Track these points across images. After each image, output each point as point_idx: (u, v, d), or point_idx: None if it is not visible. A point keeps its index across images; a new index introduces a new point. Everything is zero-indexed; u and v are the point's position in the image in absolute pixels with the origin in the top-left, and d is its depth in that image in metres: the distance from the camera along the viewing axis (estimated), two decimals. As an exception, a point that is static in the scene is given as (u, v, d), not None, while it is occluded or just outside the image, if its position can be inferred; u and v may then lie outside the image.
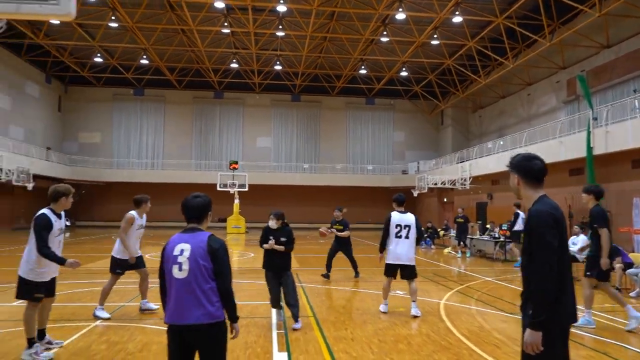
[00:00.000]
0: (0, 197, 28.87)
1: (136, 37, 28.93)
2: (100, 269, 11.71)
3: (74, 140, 37.82)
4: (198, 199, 3.08)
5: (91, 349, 5.09)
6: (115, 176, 35.32)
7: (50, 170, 30.81)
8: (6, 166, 24.14)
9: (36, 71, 33.37)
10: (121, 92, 38.38)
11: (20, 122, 31.37)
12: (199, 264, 2.79)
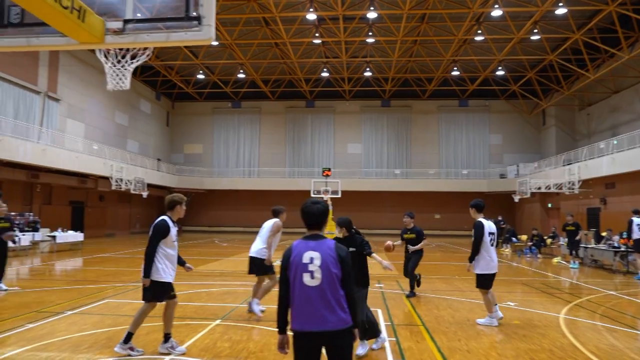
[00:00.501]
0: (120, 205, 32.16)
1: (234, 53, 30.75)
2: (211, 272, 12.54)
3: (180, 151, 41.07)
4: (318, 205, 3.09)
5: (217, 346, 5.47)
6: (216, 184, 37.66)
7: (161, 180, 33.67)
8: (125, 177, 26.83)
9: (148, 90, 36.82)
10: (220, 106, 40.95)
11: (135, 137, 34.77)
12: (330, 272, 2.85)
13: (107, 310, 7.42)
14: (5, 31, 3.45)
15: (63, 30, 3.17)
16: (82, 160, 24.42)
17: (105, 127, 30.84)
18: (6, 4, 3.46)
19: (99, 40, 3.26)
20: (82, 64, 28.22)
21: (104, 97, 30.70)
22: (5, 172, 20.74)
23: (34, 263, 14.80)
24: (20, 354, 5.05)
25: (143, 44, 3.33)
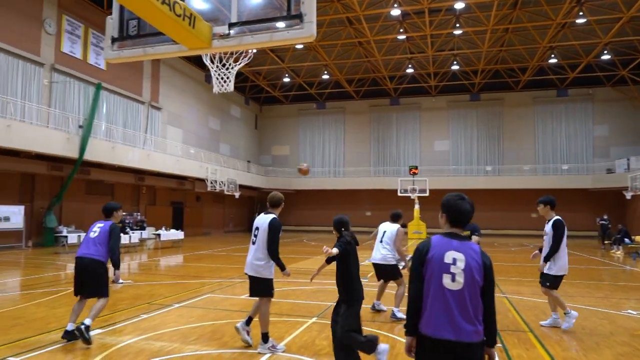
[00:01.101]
0: (215, 205, 34.05)
1: (318, 55, 31.18)
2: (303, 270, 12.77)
3: (268, 153, 42.56)
4: (467, 201, 2.78)
5: (316, 344, 5.51)
6: (303, 184, 38.45)
7: (251, 181, 35.12)
8: (219, 178, 28.34)
9: (238, 95, 38.60)
10: (305, 107, 41.78)
11: (227, 140, 36.62)
12: (474, 279, 2.57)
13: (210, 304, 7.82)
14: (125, 43, 3.73)
15: (175, 37, 3.34)
16: (181, 163, 26.22)
17: (200, 132, 32.83)
18: (125, 18, 3.73)
19: (206, 45, 3.39)
20: (179, 74, 30.29)
21: (199, 104, 32.71)
22: (116, 176, 22.85)
23: (142, 259, 16.13)
24: (138, 342, 5.45)
25: (247, 46, 3.42)
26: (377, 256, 7.16)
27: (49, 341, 5.47)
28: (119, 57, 3.75)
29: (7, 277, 11.37)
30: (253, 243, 5.33)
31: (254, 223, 5.39)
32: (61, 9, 21.06)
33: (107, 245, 5.60)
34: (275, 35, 3.36)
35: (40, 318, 6.66)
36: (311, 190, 38.69)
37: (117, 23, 3.76)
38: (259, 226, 5.27)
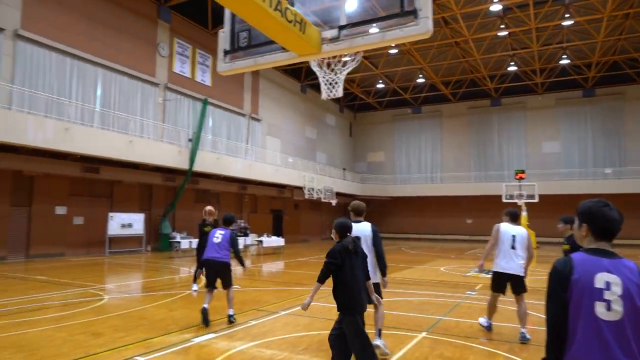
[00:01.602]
0: (312, 212, 34.70)
1: (413, 59, 30.51)
2: (405, 279, 12.36)
3: (363, 160, 42.50)
4: (612, 208, 2.21)
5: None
6: (400, 191, 37.76)
7: (347, 188, 35.25)
8: (316, 186, 28.80)
9: (332, 104, 39.11)
10: (400, 113, 41.08)
11: (323, 148, 37.22)
12: (635, 306, 2.05)
13: (315, 313, 7.78)
14: (236, 55, 3.80)
15: (286, 44, 3.30)
16: (280, 172, 27.09)
17: (297, 141, 33.73)
18: (236, 31, 3.80)
19: (316, 51, 3.32)
20: (277, 86, 31.45)
21: (296, 115, 33.67)
22: (222, 185, 24.23)
23: (246, 264, 16.78)
24: (250, 349, 5.55)
25: (358, 48, 3.28)
26: (512, 266, 6.19)
27: (168, 343, 5.78)
28: (231, 68, 3.82)
29: (131, 279, 12.46)
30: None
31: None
32: (172, 33, 22.95)
33: (229, 249, 7.07)
34: (387, 35, 3.18)
35: (161, 320, 7.10)
36: (408, 197, 37.84)
37: (228, 36, 3.85)
38: (360, 234, 5.17)
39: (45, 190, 17.44)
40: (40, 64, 17.04)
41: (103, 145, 16.88)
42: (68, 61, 18.00)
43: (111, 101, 19.52)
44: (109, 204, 19.85)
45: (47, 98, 16.83)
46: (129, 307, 8.18)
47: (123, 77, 20.14)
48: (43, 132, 14.93)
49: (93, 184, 19.19)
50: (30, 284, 10.94)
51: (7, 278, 11.89)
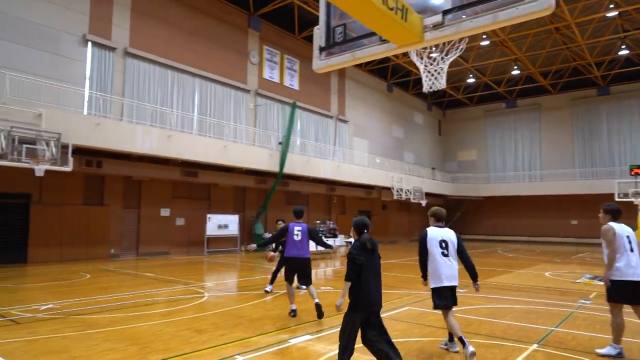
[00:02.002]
0: (400, 213, 34.02)
1: (507, 50, 28.69)
2: (505, 285, 11.53)
3: (453, 159, 40.85)
4: None
5: (544, 379, 4.66)
6: (493, 190, 35.69)
7: (436, 188, 34.06)
8: (405, 186, 28.16)
9: (420, 102, 38.08)
10: (493, 108, 38.89)
11: (411, 148, 36.35)
12: None
13: (411, 318, 7.48)
14: (332, 51, 3.68)
15: (386, 34, 3.11)
16: (368, 173, 26.87)
17: (384, 141, 33.27)
18: (331, 26, 3.68)
19: (418, 39, 3.08)
20: (363, 87, 31.30)
21: (382, 114, 33.24)
22: (311, 187, 24.59)
23: (335, 265, 16.81)
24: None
25: (465, 33, 2.98)
26: (637, 272, 5.38)
27: (266, 343, 5.84)
28: (327, 65, 3.72)
29: (228, 277, 13.00)
30: (445, 255, 5.54)
31: (433, 237, 5.62)
32: (262, 41, 23.78)
33: (308, 243, 7.52)
34: (500, 15, 2.86)
35: (258, 319, 7.24)
36: (502, 197, 35.64)
37: (323, 32, 3.75)
38: (447, 240, 5.58)
39: (151, 194, 18.90)
40: (146, 77, 18.52)
41: (201, 151, 17.90)
42: (169, 73, 19.37)
43: (207, 108, 20.68)
44: (206, 206, 21.01)
45: (152, 108, 18.23)
46: (227, 305, 8.47)
47: (217, 86, 21.24)
48: (149, 140, 16.16)
49: (192, 187, 20.44)
50: (140, 280, 11.84)
51: (120, 274, 13.00)
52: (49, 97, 14.56)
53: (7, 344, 5.62)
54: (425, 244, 5.62)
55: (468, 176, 37.89)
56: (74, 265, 15.01)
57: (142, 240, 18.48)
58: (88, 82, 16.81)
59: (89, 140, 14.55)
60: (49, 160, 13.11)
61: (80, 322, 6.88)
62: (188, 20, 20.33)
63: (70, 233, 16.31)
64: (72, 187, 16.58)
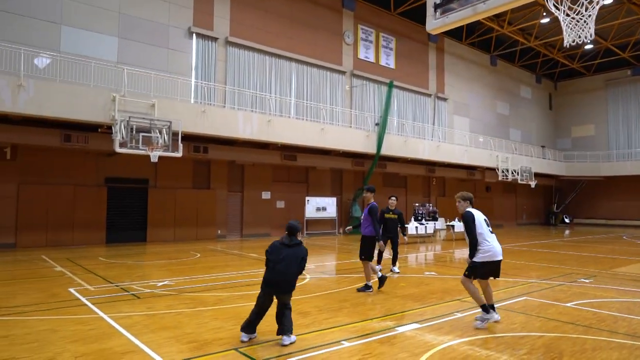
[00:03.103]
0: (506, 195, 31.83)
1: (635, 7, 25.08)
2: (638, 275, 10.11)
3: (566, 136, 37.16)
4: None
5: None
6: (617, 169, 31.83)
7: (547, 168, 31.26)
8: (511, 167, 26.17)
9: (527, 74, 35.01)
10: (615, 77, 34.52)
11: (517, 125, 33.68)
12: None
13: (530, 309, 6.76)
14: (449, 7, 3.24)
15: None
16: (470, 153, 25.39)
17: (487, 118, 31.18)
18: None
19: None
20: (463, 62, 29.48)
21: (485, 90, 31.12)
22: (409, 168, 23.84)
23: (436, 249, 16.11)
24: (460, 346, 4.97)
25: None
26: None
27: (371, 330, 5.59)
28: (444, 24, 3.30)
29: (328, 260, 13.01)
30: (492, 232, 6.14)
31: (478, 217, 6.11)
32: (356, 20, 23.30)
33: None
34: None
35: (361, 304, 7.03)
36: (627, 177, 31.59)
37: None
38: (486, 219, 6.23)
39: (253, 178, 19.59)
40: (245, 65, 19.10)
41: (299, 134, 18.09)
42: (267, 60, 19.77)
43: (304, 92, 20.83)
44: (305, 189, 21.33)
45: (252, 94, 18.77)
46: (329, 287, 8.39)
47: (313, 69, 21.27)
48: (250, 125, 16.67)
49: (291, 170, 20.82)
50: (244, 260, 12.30)
51: (226, 254, 13.64)
52: (160, 88, 15.59)
53: (129, 318, 6.01)
54: (475, 223, 5.97)
55: (584, 154, 34.15)
56: (185, 244, 16.11)
57: (245, 222, 19.29)
58: (194, 72, 17.73)
59: (196, 127, 15.37)
60: (162, 147, 14.06)
61: (192, 299, 7.22)
62: (283, 6, 20.50)
63: (182, 215, 17.51)
64: (182, 172, 17.73)
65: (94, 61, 14.57)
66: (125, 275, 9.47)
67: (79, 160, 15.54)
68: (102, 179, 16.06)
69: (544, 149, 33.85)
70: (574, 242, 19.37)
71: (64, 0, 14.97)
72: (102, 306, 6.58)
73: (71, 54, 14.69)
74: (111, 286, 8.20)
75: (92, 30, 15.49)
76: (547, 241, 19.80)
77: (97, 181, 15.96)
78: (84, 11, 15.35)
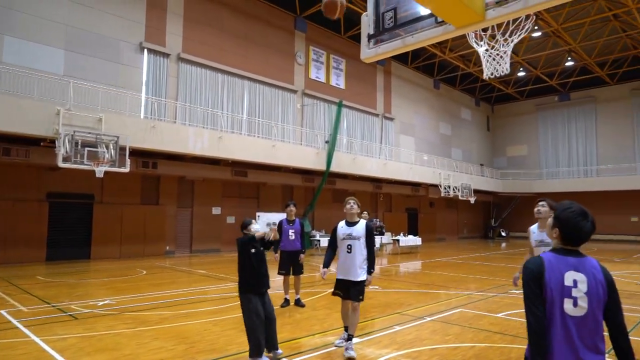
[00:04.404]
0: (448, 211, 33.33)
1: (560, 40, 27.47)
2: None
3: (502, 155, 39.56)
4: (588, 220, 2.28)
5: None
6: (546, 187, 34.21)
7: (485, 185, 33.10)
8: (452, 183, 27.56)
9: (467, 98, 37.15)
10: (544, 102, 37.34)
11: (458, 144, 35.54)
12: (599, 302, 2.17)
13: (464, 321, 7.18)
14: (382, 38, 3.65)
15: (443, 13, 3.03)
16: (415, 170, 26.51)
17: (431, 138, 32.71)
18: (380, 12, 3.63)
19: (479, 18, 2.96)
20: (409, 84, 30.92)
21: (429, 111, 32.71)
22: (357, 185, 24.56)
23: (382, 263, 16.69)
24: (397, 359, 5.25)
25: (535, 7, 2.82)
26: None
27: (314, 345, 5.73)
28: (377, 53, 3.70)
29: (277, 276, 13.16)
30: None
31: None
32: (308, 41, 24.04)
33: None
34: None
35: (306, 319, 7.23)
36: (556, 193, 33.96)
37: (372, 18, 3.69)
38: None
39: (203, 193, 19.52)
40: (198, 81, 19.19)
41: (250, 151, 18.30)
42: (220, 77, 19.96)
43: (256, 110, 21.15)
44: (256, 204, 21.46)
45: (204, 111, 18.85)
46: (275, 304, 8.38)
47: (265, 87, 21.66)
48: (201, 141, 16.71)
49: (242, 186, 20.92)
50: (192, 277, 12.24)
51: (174, 271, 13.51)
52: (108, 103, 15.37)
53: (63, 340, 5.78)
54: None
55: (518, 172, 36.53)
56: (132, 261, 15.74)
57: (195, 238, 19.12)
58: (145, 87, 17.60)
59: (145, 142, 15.23)
60: (108, 162, 13.82)
61: (134, 318, 7.07)
62: (237, 25, 20.85)
63: (129, 231, 17.13)
64: (130, 187, 17.41)
65: (39, 73, 14.19)
66: (63, 294, 9.14)
67: (19, 174, 14.93)
68: (43, 194, 15.48)
69: (482, 167, 35.84)
70: (508, 255, 20.67)
71: (7, 10, 14.54)
72: (35, 329, 6.30)
73: (14, 65, 14.24)
74: (47, 307, 7.88)
75: (37, 41, 15.09)
76: (484, 254, 20.99)
77: (38, 196, 15.36)
78: (29, 22, 14.96)
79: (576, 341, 2.13)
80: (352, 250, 5.34)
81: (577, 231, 2.26)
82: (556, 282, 2.19)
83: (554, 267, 2.22)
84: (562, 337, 2.14)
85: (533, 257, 2.36)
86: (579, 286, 2.18)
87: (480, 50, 4.98)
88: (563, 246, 2.30)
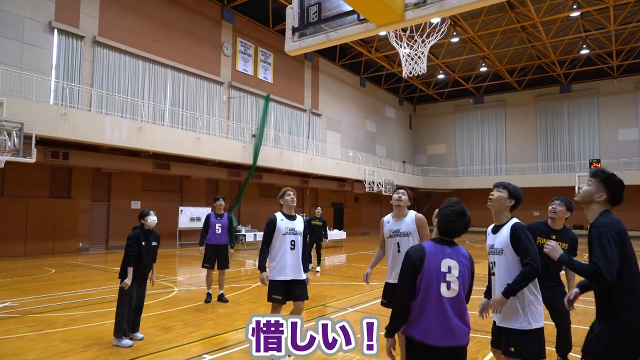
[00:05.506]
0: (372, 206, 34.43)
1: (475, 47, 29.31)
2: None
3: (423, 152, 41.55)
4: (462, 221, 2.76)
5: None
6: (461, 183, 36.51)
7: (407, 181, 34.55)
8: (376, 179, 28.49)
9: (392, 97, 38.51)
10: (462, 104, 39.71)
11: (382, 142, 36.77)
12: (465, 284, 2.72)
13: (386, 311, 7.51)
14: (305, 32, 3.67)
15: (364, 11, 3.10)
16: (341, 166, 27.04)
17: (357, 135, 33.52)
18: (305, 5, 3.65)
19: (399, 18, 3.07)
20: (336, 81, 31.41)
21: (355, 108, 33.47)
22: (284, 180, 24.53)
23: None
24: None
25: (451, 10, 2.97)
26: None
27: (237, 340, 5.68)
28: (300, 47, 3.71)
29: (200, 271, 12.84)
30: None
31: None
32: (235, 33, 23.54)
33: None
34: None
35: (229, 314, 7.16)
36: (470, 190, 36.37)
37: (297, 12, 3.68)
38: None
39: (121, 186, 18.49)
40: (116, 67, 18.07)
41: (173, 143, 17.61)
42: (140, 64, 18.95)
43: (180, 100, 20.36)
44: (179, 198, 20.73)
45: (122, 99, 17.80)
46: (197, 300, 8.28)
47: (190, 77, 20.93)
48: (119, 131, 15.79)
49: (164, 179, 20.10)
50: (109, 274, 11.57)
51: (88, 269, 12.70)
52: (10, 86, 14.02)
53: None
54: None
55: (437, 170, 38.62)
56: (39, 259, 14.56)
57: (112, 234, 18.08)
58: (54, 71, 16.26)
59: (55, 131, 14.10)
60: (10, 151, 12.64)
61: (39, 320, 6.57)
62: (160, 10, 19.90)
63: (36, 227, 15.81)
64: (37, 179, 16.06)
65: None
66: (-42, 296, 8.29)
67: None
68: None
69: (404, 164, 37.39)
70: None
71: None
72: None
73: None
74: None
75: None
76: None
77: None
78: None
79: (450, 314, 2.61)
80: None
81: (451, 228, 2.74)
82: (434, 269, 2.64)
83: (432, 255, 2.67)
84: (438, 311, 2.60)
85: (416, 245, 2.81)
86: (452, 272, 2.66)
87: (400, 50, 5.19)
88: (441, 237, 2.78)
